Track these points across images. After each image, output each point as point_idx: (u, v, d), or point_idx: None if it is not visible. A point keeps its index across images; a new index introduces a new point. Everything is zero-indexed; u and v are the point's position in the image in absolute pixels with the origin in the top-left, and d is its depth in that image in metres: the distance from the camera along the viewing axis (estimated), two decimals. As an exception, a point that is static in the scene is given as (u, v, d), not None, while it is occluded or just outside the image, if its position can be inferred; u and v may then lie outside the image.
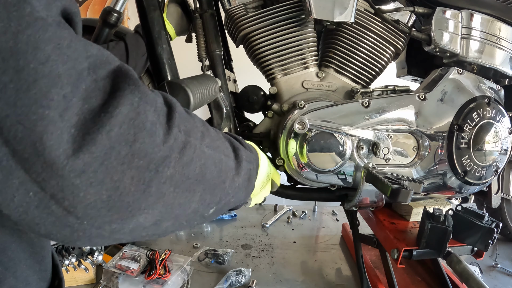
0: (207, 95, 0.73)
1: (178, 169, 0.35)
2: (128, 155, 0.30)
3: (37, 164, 0.26)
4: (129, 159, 0.30)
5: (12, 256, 0.40)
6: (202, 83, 0.71)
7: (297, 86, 1.01)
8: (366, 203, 0.96)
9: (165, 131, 0.34)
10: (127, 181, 0.31)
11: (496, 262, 1.37)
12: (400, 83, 1.09)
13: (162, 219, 0.36)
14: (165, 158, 0.34)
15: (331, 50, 1.02)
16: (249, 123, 1.10)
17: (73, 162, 0.27)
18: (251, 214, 1.70)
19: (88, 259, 1.05)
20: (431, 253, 0.91)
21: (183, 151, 0.36)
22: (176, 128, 0.35)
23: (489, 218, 0.92)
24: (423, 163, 0.97)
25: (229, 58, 1.24)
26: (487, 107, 0.98)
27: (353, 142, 0.92)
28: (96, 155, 0.28)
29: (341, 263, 1.32)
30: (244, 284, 1.14)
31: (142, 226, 0.35)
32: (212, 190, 0.43)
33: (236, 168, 0.49)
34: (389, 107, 0.94)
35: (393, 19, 0.99)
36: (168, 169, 0.34)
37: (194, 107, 0.66)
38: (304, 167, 0.93)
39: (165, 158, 0.34)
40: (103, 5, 2.37)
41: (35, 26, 0.26)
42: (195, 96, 0.65)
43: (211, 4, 1.04)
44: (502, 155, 1.02)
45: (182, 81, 0.67)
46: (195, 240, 1.42)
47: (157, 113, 0.34)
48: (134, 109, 0.31)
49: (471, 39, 0.98)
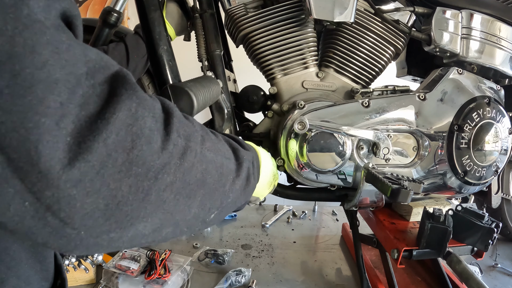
0: (210, 97, 0.73)
1: (178, 175, 0.35)
2: (126, 162, 0.29)
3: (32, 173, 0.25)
4: (127, 167, 0.30)
5: (14, 256, 0.40)
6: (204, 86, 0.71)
7: (297, 86, 1.01)
8: (366, 203, 0.96)
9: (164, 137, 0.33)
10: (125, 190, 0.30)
11: (496, 262, 1.37)
12: (400, 83, 1.09)
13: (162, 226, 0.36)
14: (164, 165, 0.33)
15: (331, 50, 1.02)
16: (249, 123, 1.10)
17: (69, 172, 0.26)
18: (251, 214, 1.70)
19: (88, 259, 1.05)
20: (431, 253, 0.91)
21: (183, 157, 0.35)
22: (175, 133, 0.35)
23: (489, 218, 0.92)
24: (423, 163, 0.97)
25: (229, 58, 1.24)
26: (487, 107, 0.98)
27: (353, 142, 0.92)
28: (93, 164, 0.27)
29: (341, 263, 1.32)
30: (244, 284, 1.14)
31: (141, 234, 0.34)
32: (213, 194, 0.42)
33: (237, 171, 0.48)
34: (389, 107, 0.94)
35: (393, 19, 0.99)
36: (168, 176, 0.33)
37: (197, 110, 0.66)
38: (304, 167, 0.93)
39: (165, 165, 0.33)
40: (103, 5, 2.36)
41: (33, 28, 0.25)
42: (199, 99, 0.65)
43: (211, 4, 1.04)
44: (502, 155, 1.02)
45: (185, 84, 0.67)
46: (195, 240, 1.42)
47: (155, 119, 0.33)
48: (131, 115, 0.30)
49: (471, 39, 0.98)
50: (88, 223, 0.29)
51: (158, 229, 0.35)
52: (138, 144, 0.30)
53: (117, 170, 0.29)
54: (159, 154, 0.32)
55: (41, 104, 0.25)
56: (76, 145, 0.27)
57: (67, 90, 0.26)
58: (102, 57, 0.31)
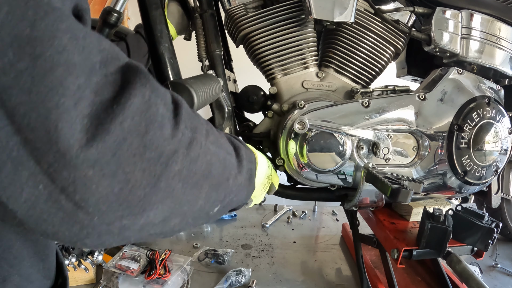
0: (210, 95, 0.73)
1: (185, 164, 0.35)
2: (140, 146, 0.30)
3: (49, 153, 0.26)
4: (141, 151, 0.30)
5: (17, 254, 0.40)
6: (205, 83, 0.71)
7: (297, 86, 1.01)
8: (366, 203, 0.96)
9: (173, 125, 0.34)
10: (139, 174, 0.31)
11: (496, 262, 1.37)
12: (400, 83, 1.09)
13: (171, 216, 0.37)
14: (174, 152, 0.34)
15: (331, 50, 1.02)
16: (249, 123, 1.11)
17: (87, 152, 0.27)
18: (251, 214, 1.70)
19: (88, 259, 1.05)
20: (431, 253, 0.91)
21: (190, 147, 0.36)
22: (183, 124, 0.36)
23: (489, 218, 0.92)
24: (423, 163, 0.97)
25: (229, 58, 1.24)
26: (487, 107, 0.98)
27: (353, 142, 0.92)
28: (109, 145, 0.28)
29: (341, 263, 1.32)
30: (244, 284, 1.14)
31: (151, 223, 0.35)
32: (217, 187, 0.43)
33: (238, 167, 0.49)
34: (389, 107, 0.94)
35: (393, 19, 0.99)
36: (176, 164, 0.34)
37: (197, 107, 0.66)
38: (304, 167, 0.93)
39: (174, 152, 0.34)
40: (103, 5, 2.36)
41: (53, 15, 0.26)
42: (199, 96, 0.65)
43: (211, 4, 1.04)
44: (502, 155, 1.02)
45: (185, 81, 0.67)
46: (195, 240, 1.42)
47: (166, 107, 0.34)
48: (145, 102, 0.31)
49: (471, 39, 0.98)
50: (102, 208, 0.29)
51: (167, 218, 0.36)
52: (151, 129, 0.31)
53: (132, 153, 0.30)
54: (169, 141, 0.33)
55: (61, 85, 0.26)
56: (94, 127, 0.27)
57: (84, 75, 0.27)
58: (114, 48, 0.32)
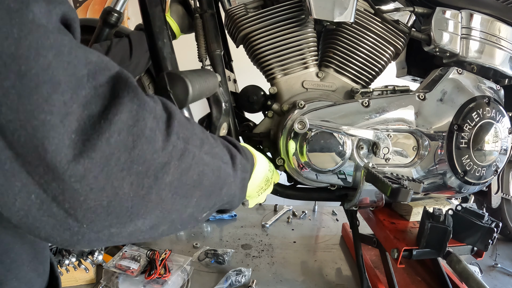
0: (206, 88, 0.73)
1: (176, 175, 0.36)
2: (128, 161, 0.31)
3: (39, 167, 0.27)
4: (128, 166, 0.31)
5: (15, 258, 0.40)
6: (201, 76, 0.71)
7: (297, 86, 1.01)
8: (366, 202, 0.96)
9: (164, 137, 0.34)
10: (127, 187, 0.31)
11: (496, 262, 1.37)
12: (400, 83, 1.09)
13: (159, 224, 0.37)
14: (164, 164, 0.34)
15: (331, 50, 1.02)
16: (249, 123, 1.10)
17: (74, 167, 0.27)
18: (251, 214, 1.70)
19: (88, 259, 1.05)
20: (431, 253, 0.91)
21: (182, 158, 0.36)
22: (175, 135, 0.36)
23: (489, 218, 0.92)
24: (423, 163, 0.97)
25: (229, 58, 1.24)
26: (487, 107, 0.98)
27: (353, 142, 0.92)
28: (96, 161, 0.28)
29: (341, 263, 1.32)
30: (244, 284, 1.14)
31: (140, 230, 0.35)
32: (209, 196, 0.44)
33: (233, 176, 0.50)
34: (389, 107, 0.94)
35: (393, 19, 0.99)
36: (167, 175, 0.35)
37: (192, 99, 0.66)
38: (304, 167, 0.93)
39: (165, 164, 0.34)
40: (103, 5, 2.37)
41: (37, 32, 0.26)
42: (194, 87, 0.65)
43: (211, 4, 1.04)
44: (502, 155, 1.02)
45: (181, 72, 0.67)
46: (195, 240, 1.42)
47: (156, 120, 0.34)
48: (133, 116, 0.31)
49: (471, 39, 0.98)
50: (90, 217, 0.30)
51: (155, 226, 0.37)
52: (139, 143, 0.32)
53: (120, 168, 0.30)
54: (159, 153, 0.33)
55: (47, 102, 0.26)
56: (81, 143, 0.28)
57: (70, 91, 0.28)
58: (102, 59, 0.32)
